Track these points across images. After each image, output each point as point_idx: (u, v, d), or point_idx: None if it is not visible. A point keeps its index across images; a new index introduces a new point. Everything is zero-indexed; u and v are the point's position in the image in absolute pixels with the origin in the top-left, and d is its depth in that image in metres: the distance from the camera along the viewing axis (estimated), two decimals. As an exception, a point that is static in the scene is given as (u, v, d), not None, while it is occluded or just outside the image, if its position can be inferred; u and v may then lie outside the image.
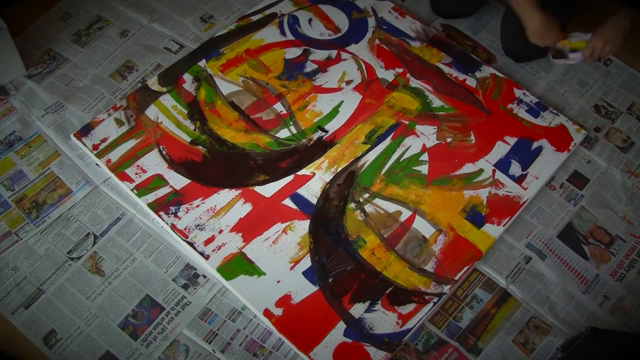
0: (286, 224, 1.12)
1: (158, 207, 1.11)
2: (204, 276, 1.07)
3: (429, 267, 1.10)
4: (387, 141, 1.25)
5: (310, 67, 1.35)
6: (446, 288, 1.08)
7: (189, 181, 1.15)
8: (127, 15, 1.42)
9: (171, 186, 1.14)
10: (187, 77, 1.30)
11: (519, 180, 1.22)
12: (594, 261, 1.16)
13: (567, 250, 1.17)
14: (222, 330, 1.03)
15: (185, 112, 1.24)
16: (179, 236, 1.09)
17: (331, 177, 1.18)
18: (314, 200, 1.15)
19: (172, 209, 1.11)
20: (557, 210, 1.22)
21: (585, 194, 1.24)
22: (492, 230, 1.15)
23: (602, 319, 1.10)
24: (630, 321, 1.10)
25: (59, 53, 1.33)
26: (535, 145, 1.27)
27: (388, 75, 1.35)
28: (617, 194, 1.25)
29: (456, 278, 1.09)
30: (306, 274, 1.07)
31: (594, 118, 1.36)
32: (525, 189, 1.21)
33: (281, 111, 1.27)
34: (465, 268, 1.10)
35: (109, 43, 1.37)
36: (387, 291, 1.06)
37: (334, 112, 1.28)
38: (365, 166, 1.21)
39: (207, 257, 1.07)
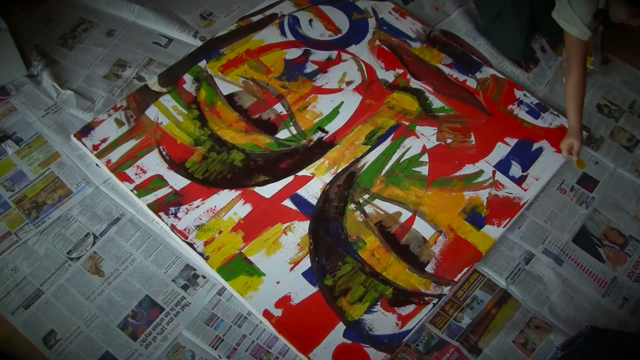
0: (286, 224, 1.12)
1: (158, 207, 1.11)
2: (204, 277, 1.07)
3: (429, 268, 1.10)
4: (387, 142, 1.25)
5: (310, 67, 1.35)
6: (446, 289, 1.08)
7: (189, 182, 1.15)
8: (111, 15, 1.42)
9: (171, 187, 1.14)
10: (188, 77, 1.30)
11: (519, 181, 1.22)
12: (610, 263, 1.17)
13: (583, 254, 1.17)
14: (228, 336, 1.02)
15: (186, 112, 1.24)
16: (178, 237, 1.09)
17: (331, 178, 1.18)
18: (313, 201, 1.15)
19: (172, 209, 1.11)
20: (570, 214, 1.22)
21: (596, 196, 1.25)
22: (492, 231, 1.15)
23: (624, 321, 1.10)
24: None
25: (49, 54, 1.32)
26: (535, 146, 1.27)
27: (388, 76, 1.35)
28: (627, 194, 1.26)
29: (456, 279, 1.09)
30: (306, 274, 1.07)
31: (597, 118, 1.36)
32: (525, 190, 1.21)
33: (281, 112, 1.27)
34: (465, 269, 1.10)
35: (97, 43, 1.36)
36: (386, 292, 1.06)
37: (334, 112, 1.28)
38: (365, 167, 1.21)
39: (206, 258, 1.07)
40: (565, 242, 1.18)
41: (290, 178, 1.18)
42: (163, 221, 1.10)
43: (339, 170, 1.20)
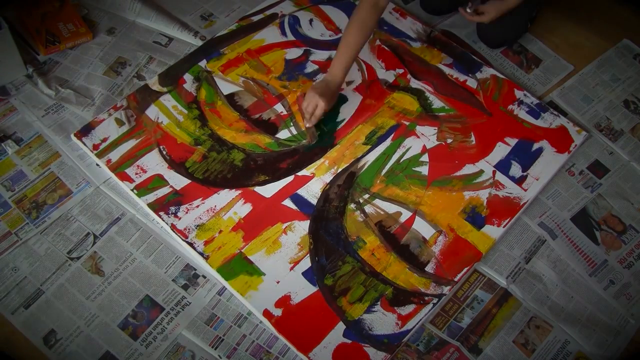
0: (286, 224, 1.12)
1: (158, 207, 1.11)
2: (204, 276, 1.07)
3: (429, 268, 1.10)
4: (388, 142, 1.25)
5: (310, 67, 1.35)
6: (446, 289, 1.08)
7: (189, 181, 1.15)
8: (111, 13, 1.42)
9: (171, 186, 1.14)
10: (188, 77, 1.30)
11: (519, 181, 1.22)
12: (604, 247, 1.18)
13: (578, 233, 1.20)
14: (228, 335, 1.02)
15: (186, 112, 1.24)
16: (179, 236, 1.09)
17: (331, 178, 1.18)
18: (314, 201, 1.15)
19: (172, 209, 1.11)
20: (574, 195, 1.24)
21: (604, 183, 1.27)
22: (492, 231, 1.15)
23: (606, 303, 1.12)
24: (633, 308, 1.12)
25: (49, 57, 1.32)
26: (535, 146, 1.27)
27: (388, 76, 1.35)
28: (636, 187, 1.28)
29: (456, 279, 1.09)
30: (306, 274, 1.07)
31: (622, 112, 1.39)
32: (525, 190, 1.21)
33: (281, 112, 1.27)
34: (465, 269, 1.10)
35: (97, 42, 1.36)
36: (386, 292, 1.06)
37: (335, 112, 1.28)
38: (366, 167, 1.21)
39: (207, 258, 1.07)
40: (563, 219, 1.20)
41: (291, 178, 1.18)
42: (163, 221, 1.10)
43: (339, 170, 1.20)
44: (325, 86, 1.19)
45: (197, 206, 1.12)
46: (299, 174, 1.19)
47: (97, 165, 1.17)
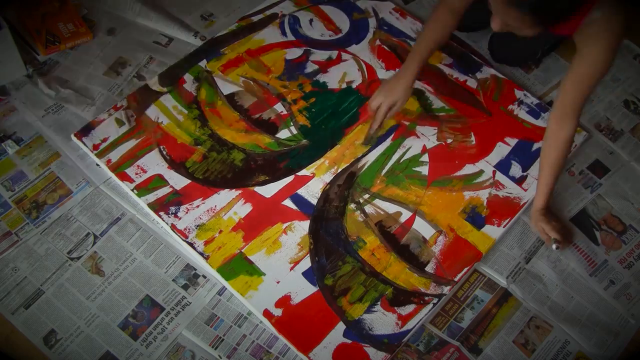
0: (286, 224, 1.12)
1: (158, 207, 1.11)
2: (204, 276, 1.07)
3: (429, 268, 1.10)
4: (388, 142, 1.25)
5: (310, 67, 1.35)
6: (446, 289, 1.08)
7: (189, 181, 1.15)
8: (111, 13, 1.41)
9: (171, 186, 1.14)
10: (188, 77, 1.30)
11: (519, 181, 1.22)
12: (604, 247, 1.19)
13: (578, 233, 1.20)
14: (228, 335, 1.02)
15: (186, 112, 1.24)
16: (179, 236, 1.09)
17: (331, 178, 1.18)
18: (314, 201, 1.15)
19: (172, 209, 1.11)
20: (574, 195, 1.24)
21: (604, 183, 1.27)
22: (492, 231, 1.15)
23: (606, 303, 1.12)
24: (633, 308, 1.12)
25: (50, 57, 1.32)
26: (535, 146, 1.27)
27: (389, 75, 1.35)
28: (636, 187, 1.28)
29: (456, 279, 1.09)
30: (306, 274, 1.07)
31: (621, 112, 1.39)
32: (525, 190, 1.21)
33: (282, 112, 1.27)
34: (465, 269, 1.10)
35: (97, 42, 1.36)
36: (386, 292, 1.06)
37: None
38: (366, 167, 1.21)
39: (207, 258, 1.07)
40: (563, 220, 1.20)
41: (291, 178, 1.18)
42: (163, 221, 1.10)
43: (339, 170, 1.20)
44: (394, 81, 1.17)
45: (197, 206, 1.12)
46: (299, 173, 1.19)
47: (97, 165, 1.17)
